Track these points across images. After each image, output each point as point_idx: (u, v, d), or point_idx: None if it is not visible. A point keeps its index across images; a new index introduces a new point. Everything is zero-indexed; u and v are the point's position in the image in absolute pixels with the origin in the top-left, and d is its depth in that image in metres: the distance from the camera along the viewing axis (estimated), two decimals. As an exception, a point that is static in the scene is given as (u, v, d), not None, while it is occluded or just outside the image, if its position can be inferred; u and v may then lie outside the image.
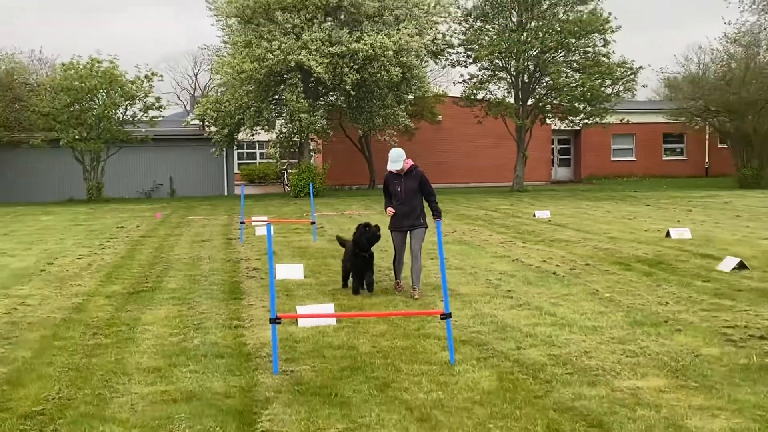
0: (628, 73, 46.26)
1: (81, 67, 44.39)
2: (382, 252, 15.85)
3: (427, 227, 12.54)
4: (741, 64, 47.29)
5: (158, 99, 46.83)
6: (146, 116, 46.18)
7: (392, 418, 7.14)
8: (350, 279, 13.78)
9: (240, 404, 7.64)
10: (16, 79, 44.47)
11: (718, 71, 48.10)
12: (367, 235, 12.80)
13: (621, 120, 50.77)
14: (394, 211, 12.52)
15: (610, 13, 45.32)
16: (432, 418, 7.13)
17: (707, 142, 58.47)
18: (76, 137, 43.51)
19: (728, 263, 15.58)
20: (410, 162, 12.49)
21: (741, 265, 15.40)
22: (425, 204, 13.03)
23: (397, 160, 12.25)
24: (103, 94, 44.23)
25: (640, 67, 46.54)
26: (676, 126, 55.17)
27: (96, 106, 44.29)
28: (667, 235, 21.26)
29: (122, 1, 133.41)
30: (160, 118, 47.83)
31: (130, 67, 46.42)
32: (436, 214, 12.45)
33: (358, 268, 13.05)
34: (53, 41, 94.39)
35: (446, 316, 9.10)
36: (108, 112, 44.44)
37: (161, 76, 48.22)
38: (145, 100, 45.84)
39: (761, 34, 50.21)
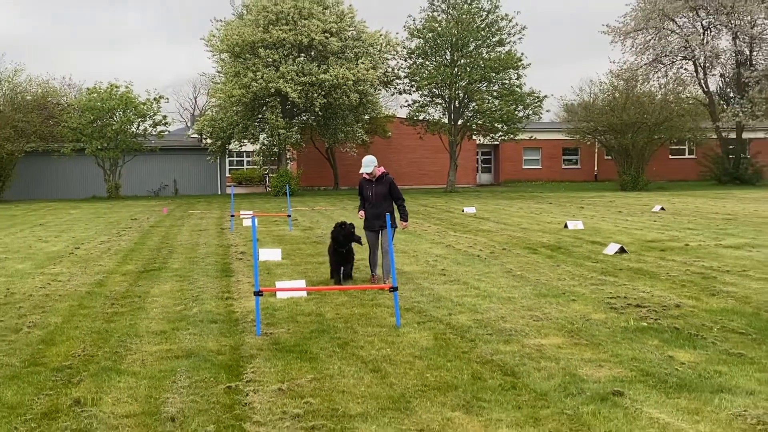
0: (536, 100, 46.86)
1: (102, 91, 44.46)
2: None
3: (395, 227, 11.36)
4: (622, 94, 47.87)
5: (164, 117, 46.79)
6: (155, 131, 46.19)
7: (351, 369, 7.24)
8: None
9: (229, 359, 7.71)
10: (50, 100, 44.02)
11: (605, 99, 48.70)
12: (342, 232, 11.87)
13: (530, 137, 51.67)
14: (364, 214, 11.90)
15: (522, 53, 46.10)
16: (382, 369, 7.22)
17: (596, 154, 59.19)
18: (98, 147, 43.68)
19: (611, 248, 15.80)
20: (382, 169, 11.71)
21: (621, 250, 15.63)
22: (395, 207, 12.26)
23: (368, 165, 11.48)
24: (120, 113, 44.35)
25: (545, 96, 47.46)
26: (572, 142, 55.69)
27: (114, 123, 44.22)
28: (565, 226, 21.48)
29: (137, 37, 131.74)
30: (166, 132, 47.66)
31: (142, 91, 46.44)
32: (403, 216, 11.97)
33: (335, 260, 12.12)
34: (81, 69, 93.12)
35: (394, 289, 9.18)
36: (124, 127, 44.45)
37: (167, 98, 48.29)
38: (154, 117, 45.89)
39: (638, 70, 51.00)
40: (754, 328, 8.70)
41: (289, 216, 23.86)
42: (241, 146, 48.22)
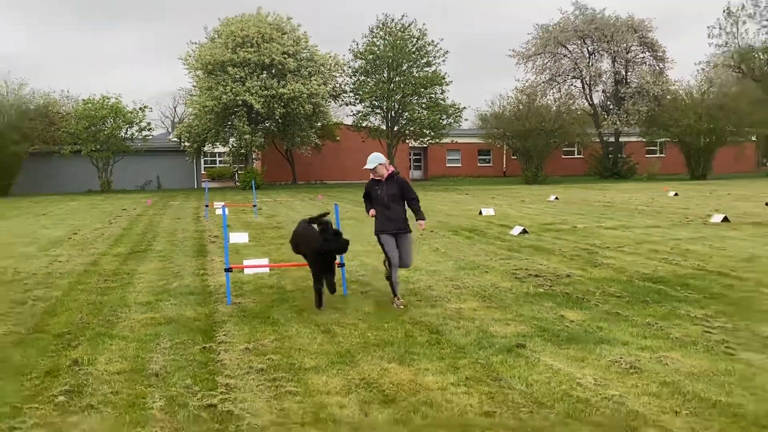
0: (456, 111, 47.39)
1: (95, 102, 44.19)
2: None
3: (411, 231, 8.54)
4: (525, 106, 48.55)
5: (149, 124, 46.59)
6: (140, 135, 45.70)
7: (306, 331, 7.24)
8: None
9: (205, 325, 7.67)
10: (51, 109, 43.04)
11: (511, 110, 49.28)
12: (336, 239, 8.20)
13: (452, 140, 52.24)
14: (375, 212, 8.48)
15: (445, 72, 46.45)
16: (332, 330, 7.24)
17: (505, 155, 59.92)
18: (93, 149, 43.26)
19: (516, 230, 16.01)
20: (391, 169, 8.55)
21: (524, 231, 15.84)
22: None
23: (372, 161, 8.42)
24: (111, 120, 43.98)
25: (464, 107, 48.19)
26: (486, 145, 56.39)
27: (106, 128, 43.76)
28: (480, 213, 21.69)
29: (126, 57, 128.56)
30: (150, 136, 47.17)
31: (129, 102, 45.97)
32: (419, 216, 8.59)
33: (321, 268, 8.24)
34: (77, 84, 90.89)
35: (341, 265, 9.17)
36: (114, 132, 44.07)
37: (151, 108, 48.47)
38: (140, 124, 45.54)
39: (537, 87, 51.84)
40: (627, 293, 8.95)
41: (254, 206, 23.85)
42: (213, 148, 48.43)
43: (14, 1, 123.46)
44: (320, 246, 8.09)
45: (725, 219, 17.98)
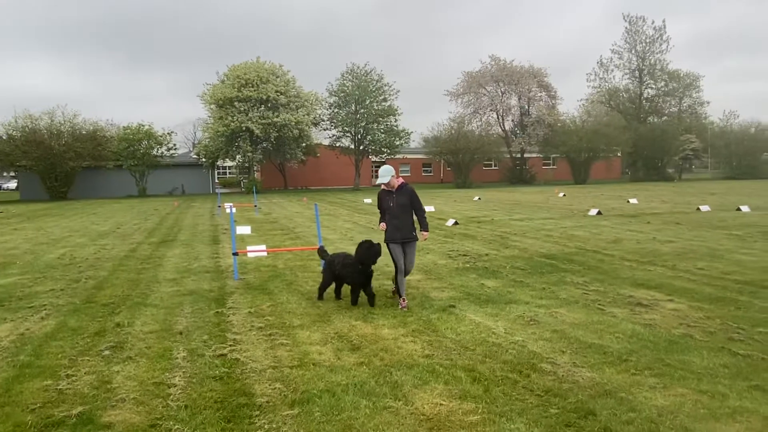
0: (406, 135, 47.36)
1: (133, 128, 43.06)
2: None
3: (416, 239, 6.96)
4: (456, 132, 48.79)
5: (174, 144, 45.36)
6: (168, 153, 44.62)
7: (294, 298, 7.22)
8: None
9: (217, 295, 7.57)
10: (98, 134, 41.87)
11: (446, 134, 49.40)
12: (372, 251, 6.74)
13: (403, 156, 52.15)
14: (385, 226, 6.88)
15: (398, 106, 46.57)
16: (313, 298, 7.26)
17: (441, 167, 60.05)
18: (131, 164, 42.26)
19: (450, 222, 16.14)
20: (401, 180, 7.00)
21: (455, 223, 15.97)
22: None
23: (385, 174, 6.81)
24: (145, 142, 42.84)
25: (412, 132, 48.16)
26: (428, 159, 56.62)
27: (141, 148, 42.51)
28: None
29: (157, 94, 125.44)
30: (175, 154, 46.01)
31: (159, 128, 44.79)
32: (424, 227, 7.02)
33: (358, 282, 6.75)
34: (118, 114, 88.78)
35: (322, 249, 9.12)
36: (148, 151, 42.82)
37: (176, 132, 47.61)
38: (167, 144, 44.30)
39: (464, 118, 52.17)
40: (529, 266, 9.09)
41: (255, 206, 23.63)
42: (224, 163, 47.67)
43: (70, 52, 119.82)
44: (360, 258, 6.67)
45: (599, 212, 18.43)
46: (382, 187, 6.85)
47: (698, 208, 18.87)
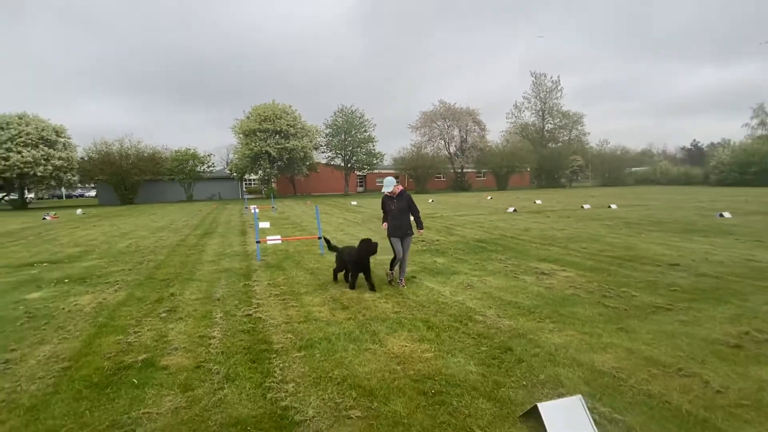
0: (381, 156, 47.01)
1: (182, 151, 41.69)
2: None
3: (413, 234, 6.70)
4: (416, 154, 48.80)
5: (213, 163, 43.96)
6: (208, 169, 43.31)
7: (301, 273, 7.10)
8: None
9: (245, 272, 7.39)
10: (156, 155, 40.59)
11: (409, 156, 49.21)
12: (369, 247, 6.01)
13: (378, 171, 51.62)
14: (387, 225, 6.26)
15: (375, 135, 46.33)
16: (315, 272, 7.12)
17: (406, 179, 59.71)
18: (181, 177, 40.87)
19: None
20: (400, 187, 6.36)
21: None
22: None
23: (389, 185, 6.24)
24: (191, 161, 41.46)
25: (385, 154, 47.68)
26: (397, 173, 56.34)
27: (188, 166, 41.21)
28: None
29: (200, 126, 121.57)
30: (213, 170, 44.86)
31: (201, 151, 43.63)
32: (419, 226, 6.34)
33: (356, 270, 6.02)
34: (171, 141, 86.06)
35: (320, 237, 9.00)
36: (193, 168, 41.48)
37: (214, 154, 47.09)
38: (208, 163, 43.01)
39: (422, 143, 52.12)
40: (467, 248, 9.10)
41: (273, 207, 23.23)
42: (250, 176, 46.50)
43: (136, 95, 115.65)
44: (358, 252, 5.97)
45: (515, 210, 18.62)
46: (386, 193, 6.26)
47: (582, 207, 19.25)
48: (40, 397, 3.32)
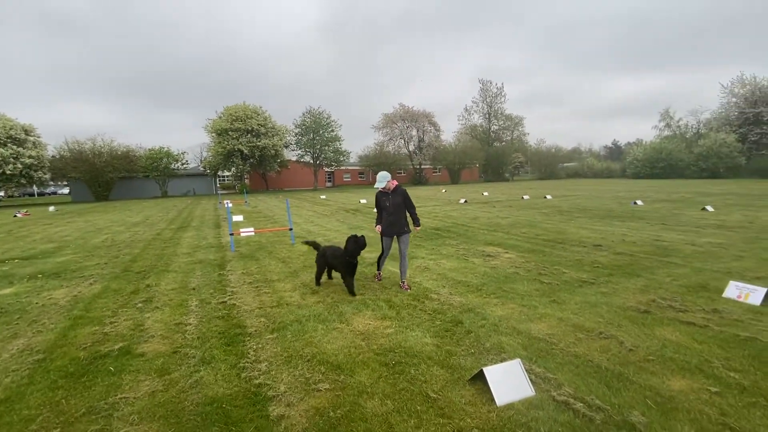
0: (347, 154, 46.47)
1: (156, 150, 39.29)
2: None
3: (410, 232, 5.17)
4: (379, 152, 48.58)
5: (187, 161, 41.73)
6: (182, 167, 41.09)
7: (273, 262, 6.91)
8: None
9: (219, 262, 7.10)
10: (130, 153, 37.97)
11: (373, 153, 49.01)
12: (358, 244, 4.97)
13: (345, 167, 51.09)
14: (381, 223, 5.11)
15: (342, 135, 45.73)
16: (286, 261, 6.95)
17: (371, 174, 59.48)
18: (156, 174, 38.47)
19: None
20: (395, 183, 5.13)
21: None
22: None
23: (382, 180, 5.04)
24: (165, 159, 39.12)
25: (350, 152, 47.08)
26: (362, 169, 55.96)
27: (162, 163, 38.86)
28: (360, 201, 21.43)
29: (173, 126, 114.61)
30: (187, 166, 42.62)
31: (175, 149, 41.23)
32: (416, 222, 5.29)
33: (346, 271, 4.98)
34: (145, 140, 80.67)
35: (290, 229, 8.81)
36: (167, 165, 39.13)
37: (188, 152, 44.43)
38: (181, 160, 40.78)
39: (384, 143, 51.81)
40: (425, 235, 9.02)
41: (246, 202, 22.47)
42: (223, 173, 44.59)
43: (110, 96, 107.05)
44: (346, 252, 4.98)
45: (465, 201, 18.99)
46: (380, 189, 5.11)
47: (522, 197, 19.91)
48: (15, 389, 3.06)
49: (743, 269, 5.44)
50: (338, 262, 5.07)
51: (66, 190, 53.32)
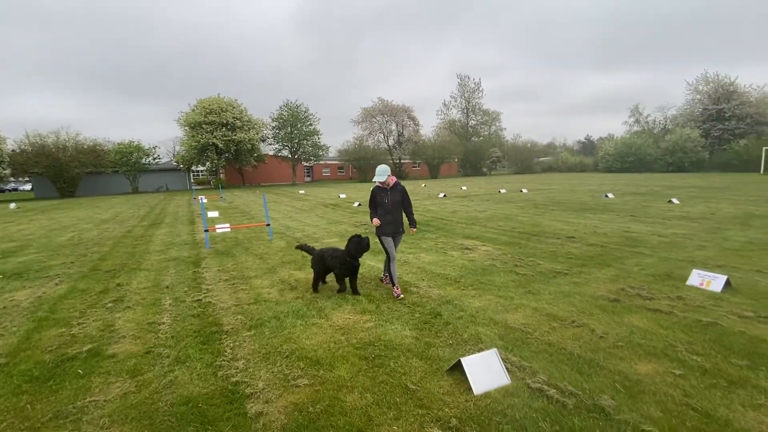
0: (325, 148, 45.91)
1: (126, 144, 37.77)
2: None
3: (404, 233, 4.86)
4: (358, 146, 48.26)
5: (158, 155, 40.35)
6: (153, 161, 39.66)
7: (250, 258, 6.79)
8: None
9: (194, 259, 6.93)
10: (97, 148, 36.25)
11: (352, 148, 48.65)
12: (361, 244, 4.64)
13: (324, 162, 50.65)
14: (379, 221, 4.65)
15: (320, 129, 45.25)
16: (264, 257, 6.86)
17: (350, 169, 59.11)
18: (126, 169, 36.98)
19: (356, 204, 15.71)
20: (394, 179, 4.71)
21: (359, 204, 15.51)
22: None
23: (382, 174, 4.60)
24: (135, 153, 37.64)
25: (329, 146, 46.95)
26: (341, 164, 55.42)
27: (132, 158, 37.38)
28: (339, 196, 21.33)
29: (144, 119, 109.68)
30: (159, 161, 41.16)
31: (146, 144, 39.77)
32: (412, 224, 4.90)
33: (345, 274, 4.74)
34: (113, 133, 76.92)
35: (268, 225, 8.67)
36: (138, 159, 37.68)
37: (159, 147, 43.47)
38: (153, 155, 39.32)
39: (364, 136, 51.49)
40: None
41: (221, 197, 21.89)
42: (197, 167, 43.25)
43: (73, 88, 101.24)
44: (347, 253, 4.67)
45: (444, 195, 19.22)
46: (378, 184, 4.65)
47: (499, 191, 20.33)
48: (-29, 398, 2.89)
49: (705, 258, 5.75)
50: (337, 263, 4.69)
51: (28, 186, 50.37)
